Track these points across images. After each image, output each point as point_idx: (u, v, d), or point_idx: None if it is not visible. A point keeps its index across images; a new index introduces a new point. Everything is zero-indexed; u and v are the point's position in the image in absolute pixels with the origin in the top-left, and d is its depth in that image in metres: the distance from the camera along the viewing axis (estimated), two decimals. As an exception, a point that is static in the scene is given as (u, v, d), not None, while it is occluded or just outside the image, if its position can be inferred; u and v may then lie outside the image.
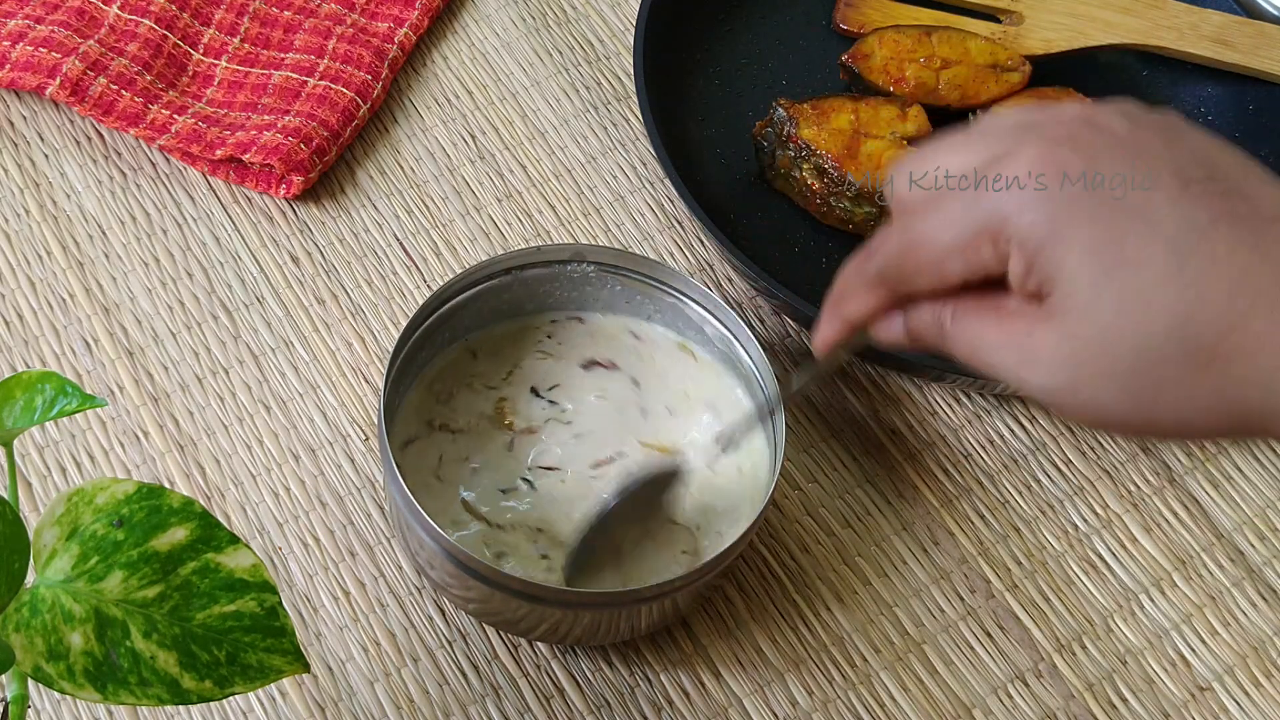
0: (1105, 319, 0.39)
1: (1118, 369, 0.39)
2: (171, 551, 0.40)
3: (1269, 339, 0.37)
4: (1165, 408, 0.39)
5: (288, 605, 0.57)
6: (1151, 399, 0.39)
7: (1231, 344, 0.37)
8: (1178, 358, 0.38)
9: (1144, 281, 0.38)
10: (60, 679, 0.38)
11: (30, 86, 0.67)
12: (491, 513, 0.56)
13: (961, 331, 0.43)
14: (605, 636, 0.57)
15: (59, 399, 0.42)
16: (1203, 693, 0.60)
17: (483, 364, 0.60)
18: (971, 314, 0.42)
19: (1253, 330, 0.37)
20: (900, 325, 0.45)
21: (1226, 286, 0.37)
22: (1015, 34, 0.76)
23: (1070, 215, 0.39)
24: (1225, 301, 0.37)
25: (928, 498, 0.63)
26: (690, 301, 0.60)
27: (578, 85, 0.75)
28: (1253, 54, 0.76)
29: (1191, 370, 0.38)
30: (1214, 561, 0.63)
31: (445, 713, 0.56)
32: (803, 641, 0.59)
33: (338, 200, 0.69)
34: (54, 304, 0.64)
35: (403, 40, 0.73)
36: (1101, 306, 0.38)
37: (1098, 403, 0.40)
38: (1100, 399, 0.40)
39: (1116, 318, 0.38)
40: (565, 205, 0.70)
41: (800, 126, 0.67)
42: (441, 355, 0.59)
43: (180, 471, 0.60)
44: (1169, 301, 0.38)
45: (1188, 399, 0.39)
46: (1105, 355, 0.39)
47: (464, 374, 0.59)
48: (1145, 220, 0.38)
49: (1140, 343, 0.38)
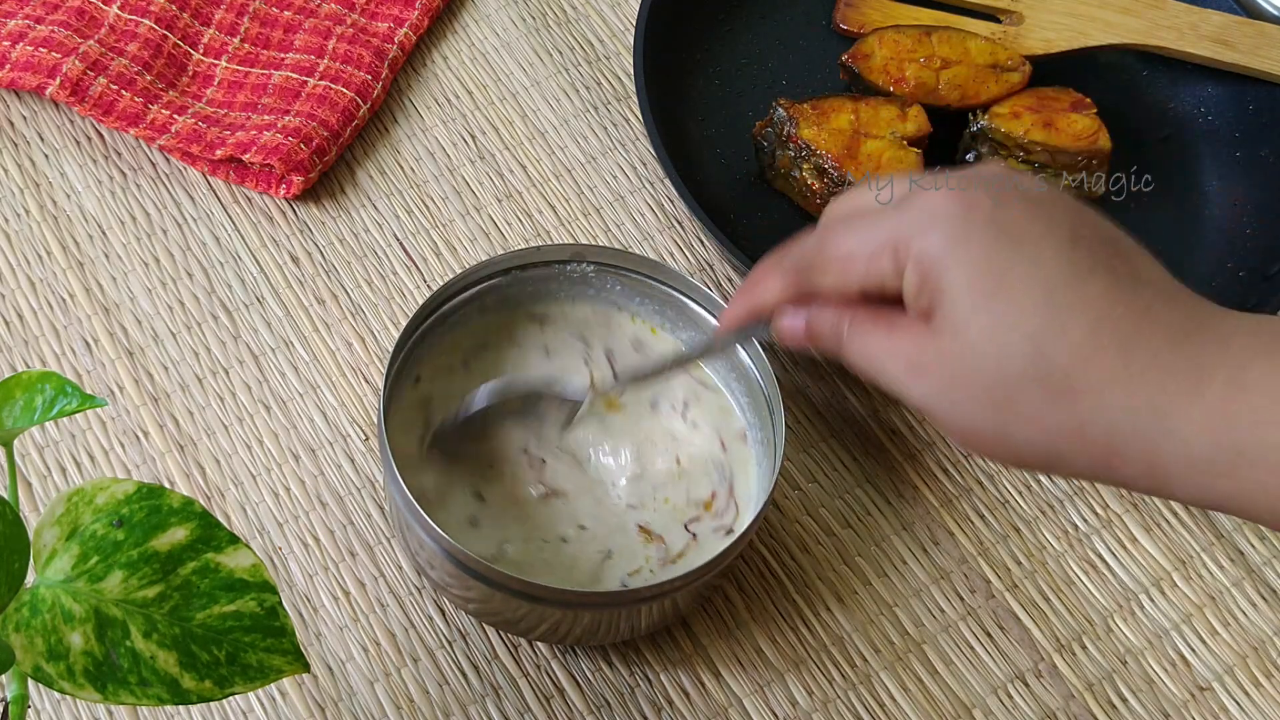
0: (975, 339, 0.42)
1: (981, 388, 0.42)
2: (171, 551, 0.40)
3: (1115, 375, 0.40)
4: (1022, 431, 0.42)
5: (288, 605, 0.57)
6: (1010, 421, 0.42)
7: (1086, 377, 0.41)
8: (1033, 382, 0.41)
9: (1015, 308, 0.41)
10: (60, 679, 0.38)
11: (30, 86, 0.67)
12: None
13: (856, 339, 0.46)
14: (605, 636, 0.57)
15: (59, 399, 0.42)
16: (1203, 693, 0.60)
17: (481, 364, 0.60)
18: (867, 324, 0.46)
19: (1102, 365, 0.40)
20: (801, 321, 0.48)
21: (1087, 324, 0.41)
22: (1015, 34, 0.76)
23: (965, 242, 0.42)
24: (1083, 335, 0.41)
25: (928, 498, 0.63)
26: (690, 301, 0.60)
27: (578, 85, 0.75)
28: (1253, 54, 0.76)
29: (1047, 397, 0.41)
30: (1214, 561, 0.63)
31: (445, 713, 0.56)
32: (803, 641, 0.59)
33: (338, 200, 0.69)
34: (54, 304, 0.64)
35: (403, 40, 0.73)
36: (974, 327, 0.42)
37: (966, 420, 0.43)
38: (967, 416, 0.43)
39: (985, 340, 0.42)
40: (565, 205, 0.70)
41: (800, 126, 0.67)
42: (441, 355, 0.59)
43: (180, 471, 0.60)
44: (1032, 329, 0.41)
45: (1042, 425, 0.42)
46: (973, 374, 0.42)
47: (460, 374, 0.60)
48: (1031, 258, 0.42)
49: (1002, 365, 0.42)
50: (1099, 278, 0.41)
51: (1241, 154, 0.75)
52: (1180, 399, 0.40)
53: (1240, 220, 0.72)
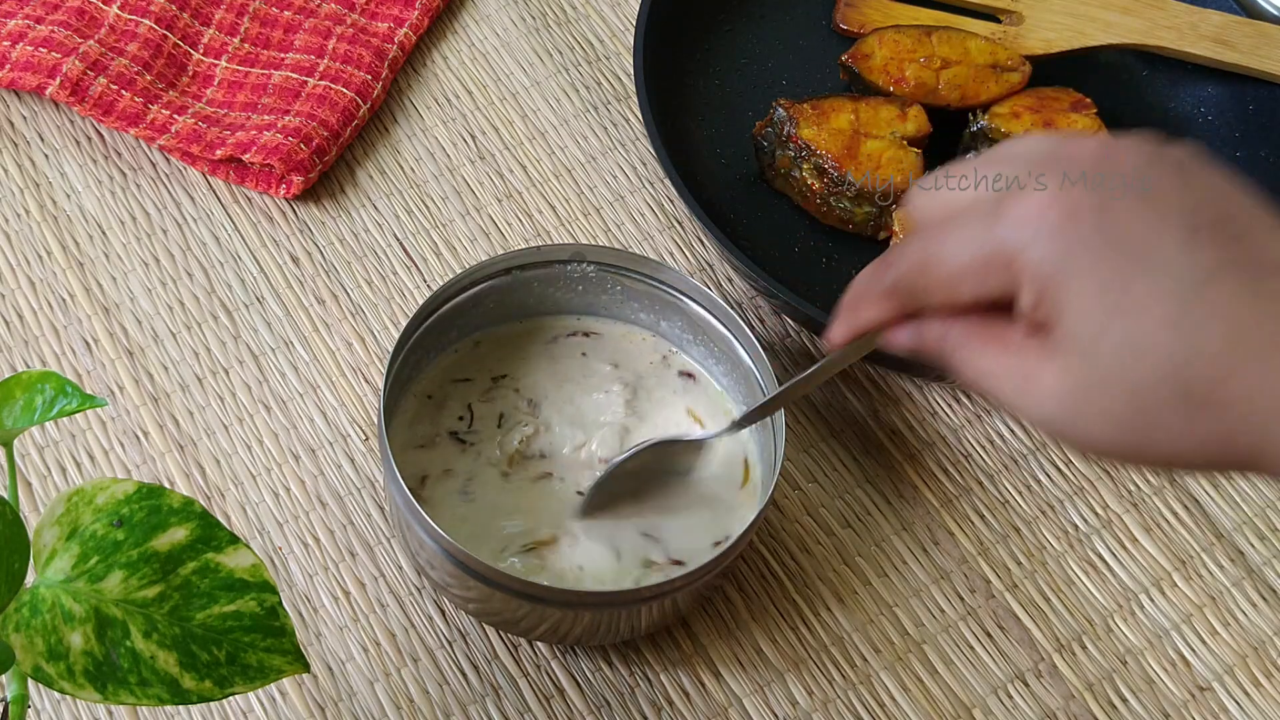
0: (1105, 361, 0.40)
1: (1114, 409, 0.41)
2: (171, 551, 0.40)
3: (1262, 387, 0.39)
4: (1158, 445, 0.41)
5: (288, 605, 0.57)
6: (1146, 437, 0.41)
7: (1226, 391, 0.39)
8: (1173, 402, 0.40)
9: (1144, 327, 0.39)
10: (60, 679, 0.38)
11: (30, 86, 0.67)
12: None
13: (967, 355, 0.44)
14: (605, 636, 0.57)
15: (59, 399, 0.42)
16: (1203, 693, 0.60)
17: (480, 363, 0.60)
18: (977, 340, 0.44)
19: (1247, 378, 0.39)
20: (908, 336, 0.46)
21: (1223, 335, 0.39)
22: (1015, 34, 0.76)
23: (1079, 255, 0.40)
24: (1221, 350, 0.39)
25: (928, 498, 0.63)
26: (690, 301, 0.60)
27: (578, 85, 0.75)
28: (1253, 54, 0.76)
29: (1186, 414, 0.40)
30: (1214, 561, 0.63)
31: (445, 713, 0.56)
32: (803, 641, 0.59)
33: (338, 200, 0.69)
34: (54, 304, 0.64)
35: (403, 40, 0.73)
36: (1102, 348, 0.40)
37: (1092, 436, 0.42)
38: (1095, 434, 0.42)
39: (1116, 360, 0.40)
40: (565, 205, 0.70)
41: (800, 126, 0.67)
42: (441, 355, 0.59)
43: (180, 471, 0.60)
44: (1167, 348, 0.39)
45: (1180, 439, 0.40)
46: (1103, 395, 0.41)
47: (462, 374, 0.59)
48: (1150, 265, 0.40)
49: (1137, 386, 0.40)
50: (1226, 278, 0.39)
51: (1241, 154, 0.75)
52: None
53: (1240, 220, 0.72)
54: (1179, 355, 0.39)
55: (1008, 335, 0.43)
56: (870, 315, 0.47)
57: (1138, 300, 0.40)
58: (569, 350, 0.61)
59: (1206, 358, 0.39)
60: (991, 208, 0.42)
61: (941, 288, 0.44)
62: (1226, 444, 0.40)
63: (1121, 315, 0.40)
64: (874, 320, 0.47)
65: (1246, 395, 0.39)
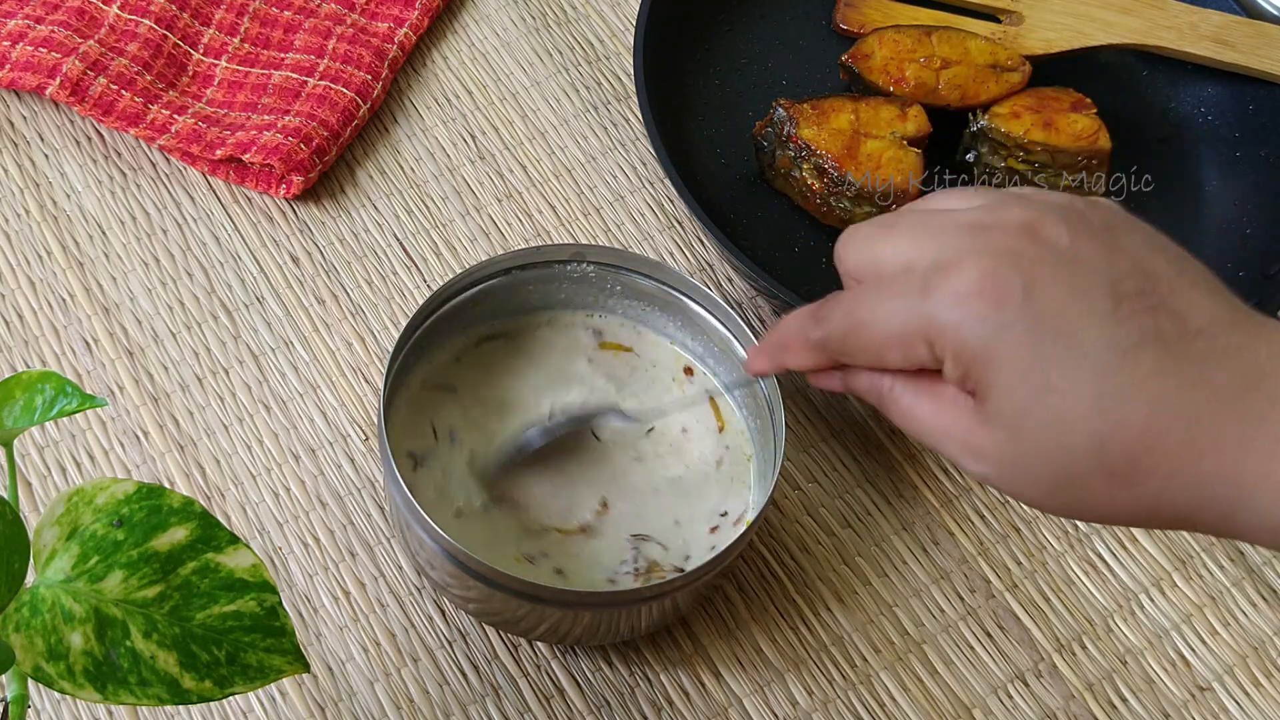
0: (1031, 436, 0.41)
1: (1043, 478, 0.42)
2: (171, 551, 0.40)
3: (1180, 460, 0.40)
4: (1091, 510, 0.42)
5: (288, 605, 0.57)
6: (1078, 502, 0.42)
7: (1148, 462, 0.40)
8: (1099, 474, 0.41)
9: (1069, 406, 0.41)
10: (60, 679, 0.38)
11: (30, 86, 0.67)
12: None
13: (901, 406, 0.45)
14: (605, 636, 0.57)
15: (59, 399, 0.42)
16: (1203, 693, 0.60)
17: (482, 364, 0.60)
18: (910, 393, 0.45)
19: (1167, 451, 0.40)
20: (838, 381, 0.48)
21: (1145, 410, 0.40)
22: (1015, 34, 0.76)
23: (1004, 338, 0.41)
24: (1143, 425, 0.40)
25: (928, 498, 0.63)
26: (690, 301, 0.60)
27: (578, 85, 0.75)
28: (1253, 54, 0.76)
29: (1112, 485, 0.41)
30: (1214, 561, 0.63)
31: (445, 713, 0.56)
32: (803, 641, 0.59)
33: (338, 200, 0.69)
34: (54, 304, 0.64)
35: (403, 40, 0.73)
36: (1027, 426, 0.41)
37: (1028, 498, 0.43)
38: (1030, 496, 0.43)
39: (1042, 436, 0.41)
40: (565, 205, 0.70)
41: (800, 126, 0.67)
42: (441, 355, 0.59)
43: (180, 471, 0.60)
44: (1090, 424, 0.40)
45: (1109, 505, 0.42)
46: (1033, 466, 0.42)
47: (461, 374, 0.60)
48: (1074, 344, 0.41)
49: (1064, 461, 0.41)
50: (1147, 352, 0.40)
51: (1241, 154, 0.75)
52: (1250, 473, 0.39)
53: (1240, 220, 0.72)
54: (1101, 432, 0.40)
55: (942, 391, 0.44)
56: (795, 361, 0.48)
57: (1061, 380, 0.40)
58: (572, 346, 0.61)
59: (1128, 432, 0.40)
60: (921, 282, 0.43)
61: (868, 352, 0.45)
62: (1153, 511, 0.41)
63: (1046, 395, 0.41)
64: (799, 365, 0.48)
65: (1167, 470, 0.40)
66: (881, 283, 0.44)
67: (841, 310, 0.45)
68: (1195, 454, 0.40)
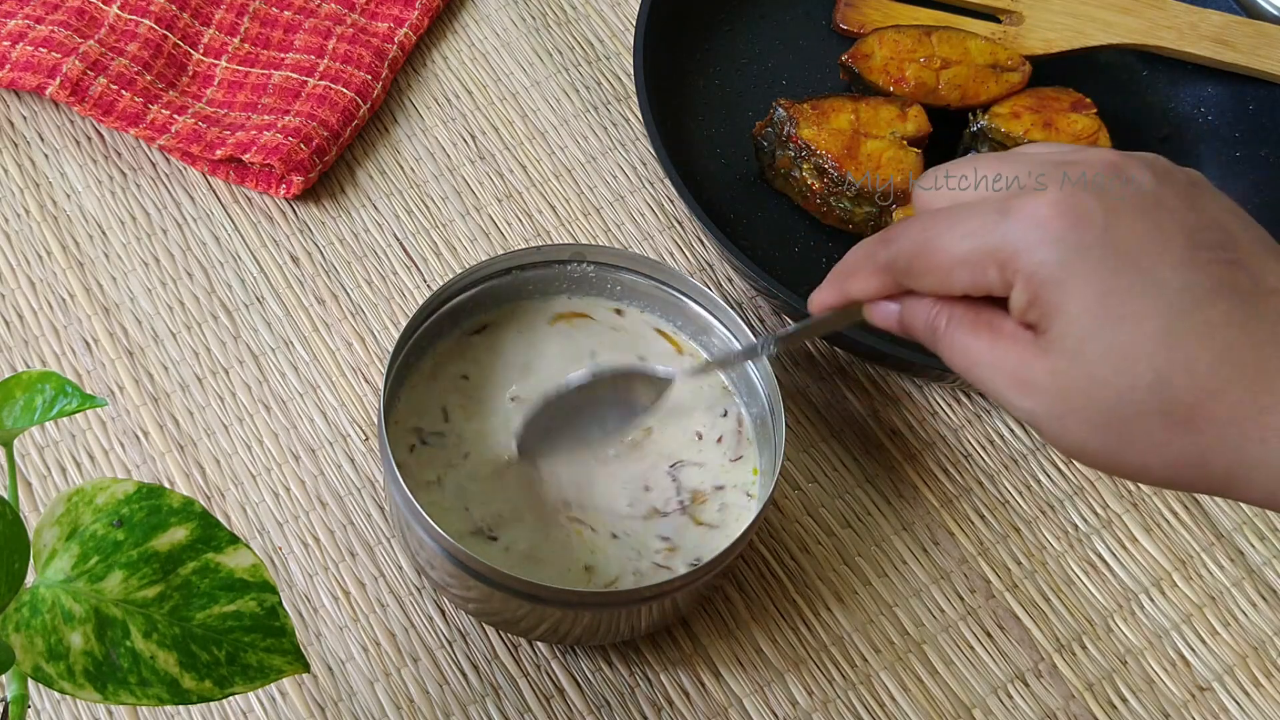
0: (1092, 365, 0.41)
1: (1098, 413, 0.41)
2: (171, 551, 0.40)
3: (1243, 411, 0.39)
4: (1135, 455, 0.41)
5: (288, 605, 0.57)
6: (1125, 445, 0.41)
7: (1207, 411, 0.40)
8: (1155, 414, 0.40)
9: (1136, 338, 0.40)
10: (60, 679, 0.38)
11: (30, 86, 0.67)
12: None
13: (955, 340, 0.44)
14: (605, 636, 0.57)
15: (59, 399, 0.42)
16: (1203, 693, 0.60)
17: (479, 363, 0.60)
18: (967, 326, 0.44)
19: (1229, 401, 0.39)
20: (895, 313, 0.46)
21: (1212, 356, 0.39)
22: (1015, 34, 0.76)
23: (1079, 263, 0.40)
24: (1208, 370, 0.39)
25: (928, 498, 0.63)
26: (690, 301, 0.60)
27: (578, 85, 0.75)
28: (1253, 54, 0.76)
29: (1166, 428, 0.40)
30: (1214, 561, 0.63)
31: (445, 713, 0.56)
32: (803, 641, 0.59)
33: (338, 200, 0.69)
34: (54, 304, 0.64)
35: (403, 40, 0.73)
36: (1090, 353, 0.40)
37: (1075, 437, 0.42)
38: (1078, 435, 0.42)
39: (1104, 367, 0.40)
40: (565, 205, 0.70)
41: (800, 126, 0.67)
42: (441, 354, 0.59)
43: (180, 471, 0.60)
44: (1155, 360, 0.40)
45: (1157, 452, 0.41)
46: (1089, 399, 0.41)
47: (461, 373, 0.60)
48: (1149, 280, 0.40)
49: (1120, 395, 0.40)
50: (1221, 300, 0.40)
51: (1241, 154, 0.75)
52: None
53: (1240, 220, 0.72)
54: (1165, 370, 0.40)
55: (1000, 325, 0.43)
56: (860, 287, 0.47)
57: (1132, 311, 0.40)
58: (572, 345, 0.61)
59: (1192, 376, 0.39)
60: (999, 204, 0.42)
61: (936, 273, 0.43)
62: (1199, 464, 0.40)
63: (1114, 322, 0.40)
64: (862, 292, 0.47)
65: (1227, 418, 0.39)
66: (957, 205, 0.44)
67: (913, 231, 0.44)
68: (1257, 408, 0.39)
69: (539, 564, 0.55)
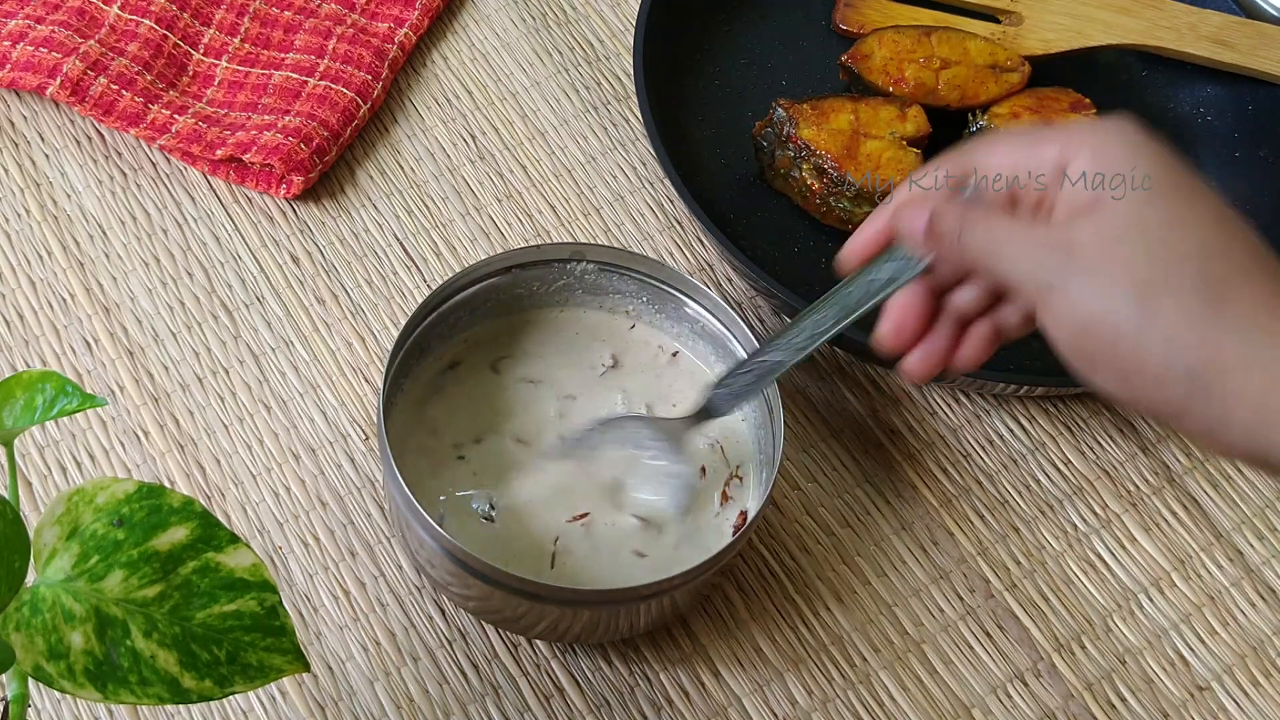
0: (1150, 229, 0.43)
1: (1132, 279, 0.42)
2: (172, 551, 0.40)
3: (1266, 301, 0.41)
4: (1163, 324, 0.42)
5: (288, 605, 0.57)
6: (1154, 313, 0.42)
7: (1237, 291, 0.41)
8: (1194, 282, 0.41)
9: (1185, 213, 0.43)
10: (60, 678, 0.38)
11: (30, 86, 0.68)
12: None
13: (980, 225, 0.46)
14: (604, 634, 0.57)
15: (59, 398, 0.42)
16: (1202, 692, 0.60)
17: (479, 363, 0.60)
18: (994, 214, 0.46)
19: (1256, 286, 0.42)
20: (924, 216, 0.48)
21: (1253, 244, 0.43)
22: (1015, 34, 0.76)
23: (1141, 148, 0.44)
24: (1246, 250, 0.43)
25: (927, 498, 0.64)
26: (690, 301, 0.60)
27: (578, 85, 0.75)
28: (1252, 54, 0.76)
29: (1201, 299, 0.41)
30: (1213, 561, 0.63)
31: (445, 712, 0.56)
32: (802, 641, 0.59)
33: (338, 200, 0.69)
34: (54, 304, 0.64)
35: (403, 40, 0.73)
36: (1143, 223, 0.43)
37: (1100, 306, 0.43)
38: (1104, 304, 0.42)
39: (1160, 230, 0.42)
40: (565, 205, 0.70)
41: (800, 126, 0.67)
42: (440, 354, 0.59)
43: (180, 471, 0.60)
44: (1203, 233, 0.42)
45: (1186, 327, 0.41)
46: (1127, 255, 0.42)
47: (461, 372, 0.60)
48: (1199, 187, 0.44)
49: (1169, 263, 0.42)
50: (1251, 277, 0.42)
51: (1241, 154, 0.75)
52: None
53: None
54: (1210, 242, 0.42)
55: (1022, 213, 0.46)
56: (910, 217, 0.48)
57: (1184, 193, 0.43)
58: (573, 344, 0.61)
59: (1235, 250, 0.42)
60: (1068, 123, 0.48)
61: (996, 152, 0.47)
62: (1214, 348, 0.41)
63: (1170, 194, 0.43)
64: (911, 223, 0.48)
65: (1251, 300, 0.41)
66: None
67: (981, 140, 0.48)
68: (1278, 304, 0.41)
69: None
